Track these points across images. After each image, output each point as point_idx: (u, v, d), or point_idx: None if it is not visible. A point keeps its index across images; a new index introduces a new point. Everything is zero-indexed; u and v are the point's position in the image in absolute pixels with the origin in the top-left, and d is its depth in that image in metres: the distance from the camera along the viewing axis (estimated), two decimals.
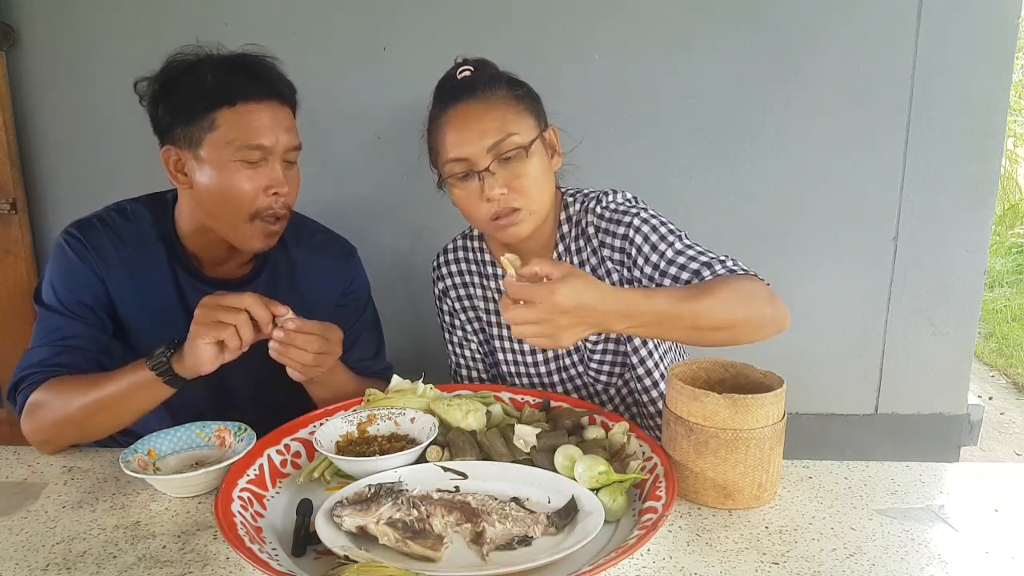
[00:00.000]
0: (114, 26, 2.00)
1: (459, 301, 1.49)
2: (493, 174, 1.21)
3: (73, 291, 1.27)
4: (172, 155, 1.24)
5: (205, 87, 1.20)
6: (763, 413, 0.99)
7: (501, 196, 1.22)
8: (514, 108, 1.24)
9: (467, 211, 1.28)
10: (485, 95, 1.24)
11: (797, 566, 0.90)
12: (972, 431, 2.29)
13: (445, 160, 1.26)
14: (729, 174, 2.07)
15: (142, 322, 1.32)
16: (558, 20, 1.98)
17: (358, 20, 1.99)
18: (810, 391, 2.21)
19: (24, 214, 2.10)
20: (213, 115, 1.20)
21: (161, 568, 0.90)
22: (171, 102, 1.23)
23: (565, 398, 1.24)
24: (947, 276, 2.14)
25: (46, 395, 1.18)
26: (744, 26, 1.98)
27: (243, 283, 1.37)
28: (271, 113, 1.23)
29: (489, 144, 1.21)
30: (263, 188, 1.23)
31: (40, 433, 1.20)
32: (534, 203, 1.24)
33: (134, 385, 1.14)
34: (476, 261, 1.47)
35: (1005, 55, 2.01)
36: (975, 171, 2.06)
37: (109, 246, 1.30)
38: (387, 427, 1.15)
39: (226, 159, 1.20)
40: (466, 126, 1.22)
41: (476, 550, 0.89)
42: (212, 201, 1.24)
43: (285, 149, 1.25)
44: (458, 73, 1.29)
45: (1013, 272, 5.58)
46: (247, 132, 1.20)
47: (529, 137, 1.23)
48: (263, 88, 1.23)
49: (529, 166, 1.23)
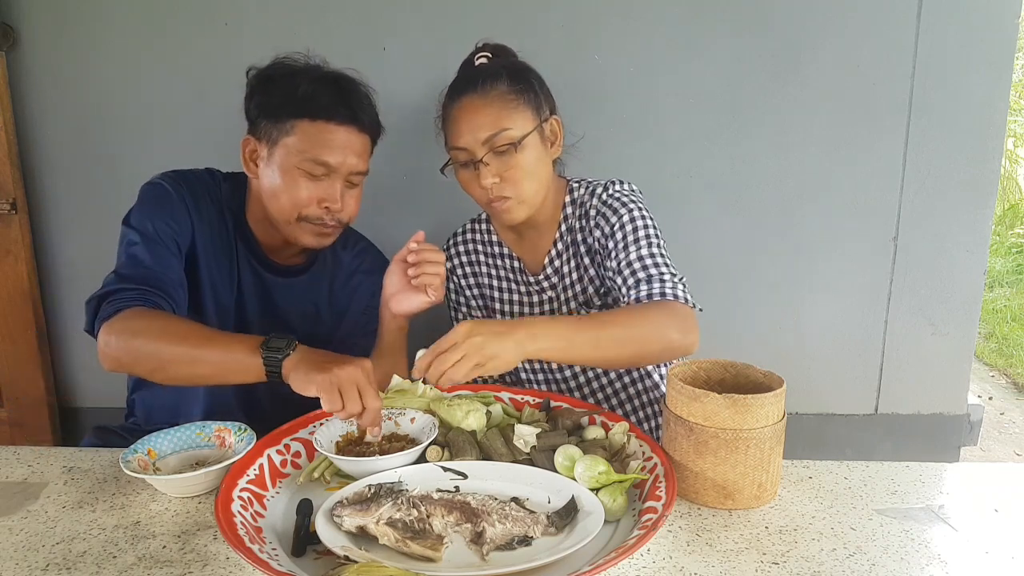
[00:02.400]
0: (114, 26, 2.00)
1: (464, 278, 1.59)
2: (487, 165, 1.32)
3: (169, 224, 1.31)
4: (251, 144, 1.35)
5: (295, 95, 1.29)
6: (763, 413, 0.99)
7: (493, 185, 1.33)
8: (511, 103, 1.33)
9: (468, 192, 1.41)
10: (485, 90, 1.33)
11: (797, 566, 0.90)
12: (972, 431, 2.29)
13: (450, 147, 1.38)
14: (729, 174, 2.07)
15: (204, 277, 1.37)
16: (558, 20, 1.98)
17: (358, 20, 1.99)
18: (810, 391, 2.21)
19: (24, 214, 2.10)
20: (294, 122, 1.29)
21: (161, 568, 0.90)
22: (263, 98, 1.32)
23: (565, 398, 1.25)
24: (947, 276, 2.14)
25: (145, 323, 1.16)
26: (744, 26, 1.98)
27: (295, 272, 1.47)
28: (347, 136, 1.32)
29: (483, 137, 1.31)
30: (317, 200, 1.32)
31: (121, 354, 1.16)
32: (524, 193, 1.35)
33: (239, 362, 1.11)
34: (483, 242, 1.58)
35: (1005, 55, 2.01)
36: (975, 171, 2.06)
37: (201, 198, 1.37)
38: (387, 427, 1.15)
39: (291, 165, 1.30)
40: (465, 119, 1.33)
41: (476, 550, 0.89)
42: (269, 195, 1.33)
43: (350, 172, 1.34)
44: (476, 59, 1.40)
45: (1013, 272, 5.58)
46: (317, 147, 1.29)
47: (523, 131, 1.32)
48: (346, 112, 1.32)
49: (521, 159, 1.33)
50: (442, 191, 2.12)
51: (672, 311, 1.20)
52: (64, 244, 2.16)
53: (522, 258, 1.52)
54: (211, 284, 1.38)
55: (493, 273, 1.56)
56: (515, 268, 1.53)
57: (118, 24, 2.00)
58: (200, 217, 1.36)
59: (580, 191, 1.45)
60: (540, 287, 1.51)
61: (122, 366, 1.19)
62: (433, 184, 2.12)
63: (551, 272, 1.48)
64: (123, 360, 1.18)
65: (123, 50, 2.00)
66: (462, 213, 2.19)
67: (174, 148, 2.01)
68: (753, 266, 2.14)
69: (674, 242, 2.03)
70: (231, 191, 1.42)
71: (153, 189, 1.34)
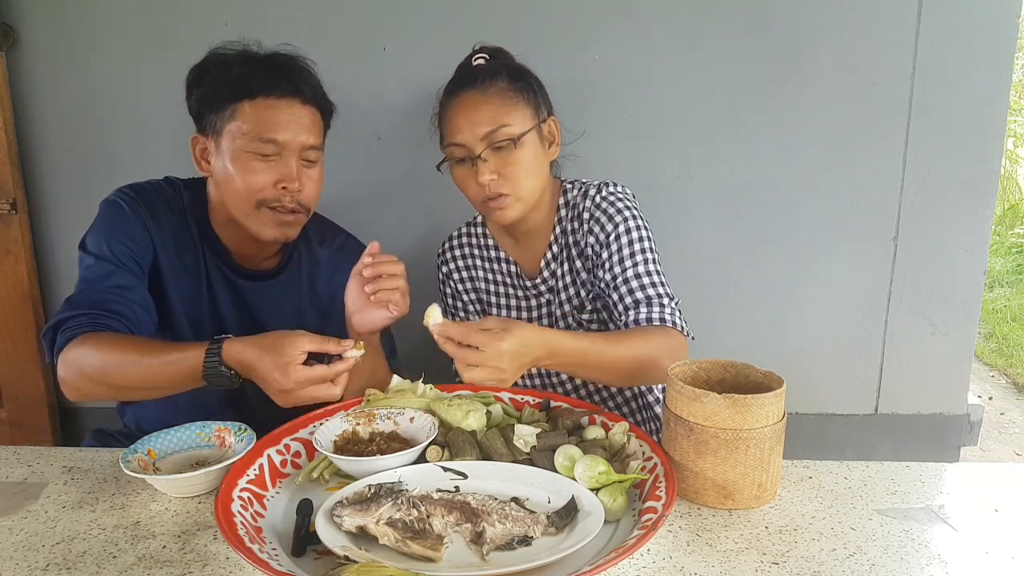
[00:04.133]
0: (114, 26, 2.00)
1: (462, 283, 1.58)
2: (485, 161, 1.32)
3: (125, 244, 1.28)
4: (199, 143, 1.31)
5: (230, 79, 1.25)
6: (763, 413, 0.99)
7: (491, 182, 1.32)
8: (511, 100, 1.33)
9: (463, 191, 1.39)
10: (484, 86, 1.33)
11: (797, 566, 0.90)
12: (972, 431, 2.29)
13: (447, 143, 1.36)
14: (729, 174, 2.07)
15: (172, 292, 1.34)
16: (558, 20, 1.98)
17: (358, 20, 1.99)
18: (810, 391, 2.21)
19: (24, 214, 2.10)
20: (234, 106, 1.25)
21: (161, 568, 0.90)
22: (201, 92, 1.29)
23: (565, 398, 1.24)
24: (947, 276, 2.14)
25: (87, 349, 1.15)
26: (744, 26, 1.98)
27: (268, 276, 1.41)
28: (290, 110, 1.27)
29: (482, 133, 1.31)
30: (273, 182, 1.26)
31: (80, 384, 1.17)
32: (522, 190, 1.34)
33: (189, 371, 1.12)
34: (479, 246, 1.56)
35: (1005, 55, 2.01)
36: (975, 171, 2.06)
37: (161, 212, 1.34)
38: (387, 427, 1.15)
39: (239, 149, 1.25)
40: (464, 114, 1.32)
41: (476, 550, 0.89)
42: (225, 188, 1.29)
43: (301, 147, 1.28)
44: (473, 60, 1.40)
45: (1013, 272, 5.58)
46: (262, 126, 1.25)
47: (522, 128, 1.32)
48: (286, 85, 1.27)
49: (519, 155, 1.32)
50: (442, 191, 2.12)
51: (669, 340, 1.25)
52: (64, 244, 2.16)
53: (518, 262, 1.52)
54: (180, 297, 1.34)
55: (490, 278, 1.55)
56: (512, 272, 1.52)
57: (118, 24, 2.00)
58: (160, 231, 1.32)
59: (573, 192, 1.45)
60: (537, 291, 1.50)
61: (84, 395, 1.19)
62: (433, 184, 2.12)
63: (547, 275, 1.48)
64: (83, 389, 1.18)
65: (123, 50, 2.00)
66: (462, 213, 2.18)
67: (174, 148, 2.01)
68: (753, 266, 2.14)
69: (674, 242, 2.05)
70: (193, 199, 1.37)
71: (108, 208, 1.31)
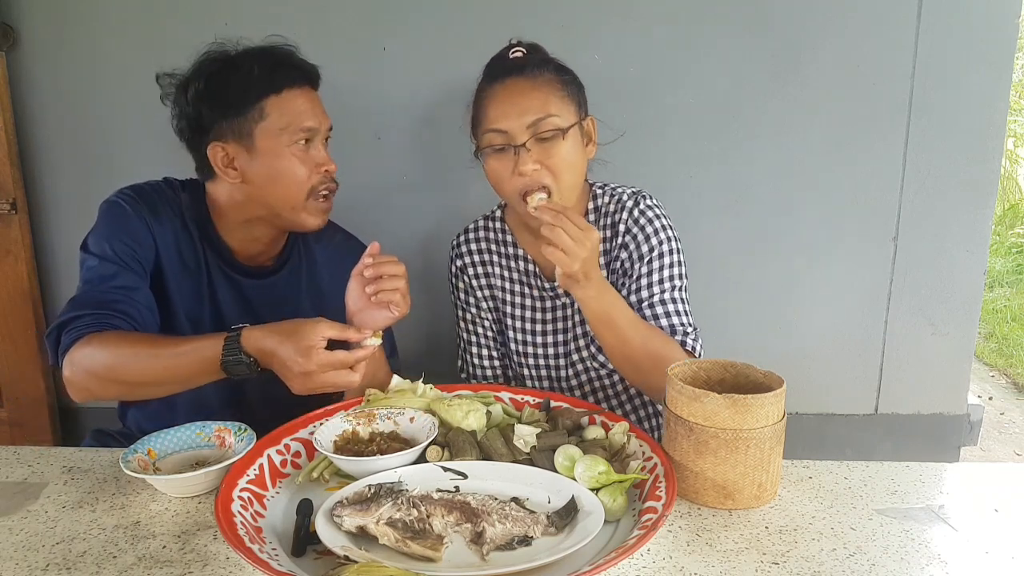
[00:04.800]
0: (114, 26, 2.00)
1: (476, 279, 1.53)
2: (528, 150, 1.27)
3: (128, 244, 1.28)
4: (219, 151, 1.29)
5: (252, 79, 1.26)
6: (763, 413, 0.99)
7: (533, 172, 1.27)
8: (558, 92, 1.31)
9: (498, 183, 1.33)
10: (533, 74, 1.30)
11: (797, 566, 0.90)
12: (972, 431, 2.29)
13: (485, 130, 1.32)
14: (729, 174, 2.07)
15: (174, 291, 1.35)
16: (558, 20, 1.98)
17: (358, 20, 1.99)
18: (810, 391, 2.21)
19: (24, 214, 2.10)
20: (262, 104, 1.26)
21: (161, 568, 0.90)
22: (217, 98, 1.27)
23: (565, 398, 1.24)
24: (947, 276, 2.14)
25: (96, 348, 1.15)
26: (744, 26, 1.98)
27: (268, 273, 1.42)
28: (309, 97, 1.31)
29: (529, 121, 1.27)
30: (314, 167, 1.30)
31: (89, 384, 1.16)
32: (563, 184, 1.30)
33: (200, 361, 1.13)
34: (497, 241, 1.51)
35: (1005, 55, 2.01)
36: (975, 171, 2.06)
37: (161, 211, 1.34)
38: (387, 427, 1.15)
39: (282, 146, 1.27)
40: (510, 101, 1.29)
41: (476, 550, 0.89)
42: (271, 187, 1.29)
43: (326, 129, 1.34)
44: (510, 53, 1.36)
45: (1013, 272, 5.57)
46: (297, 117, 1.28)
47: (568, 122, 1.29)
48: (301, 75, 1.31)
49: (564, 148, 1.29)
50: (442, 191, 2.13)
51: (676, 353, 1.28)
52: (64, 244, 2.16)
53: (536, 261, 1.48)
54: (181, 297, 1.35)
55: (506, 275, 1.51)
56: (529, 271, 1.48)
57: (118, 24, 2.00)
58: (162, 230, 1.32)
59: (604, 199, 1.43)
60: (554, 293, 1.47)
61: (92, 395, 1.18)
62: (433, 184, 2.12)
63: None
64: (92, 389, 1.17)
65: (123, 50, 2.00)
66: (462, 213, 2.18)
67: (174, 148, 2.00)
68: (753, 266, 2.14)
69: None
70: (191, 199, 1.37)
71: (110, 209, 1.31)
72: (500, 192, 1.35)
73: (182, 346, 1.15)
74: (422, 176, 2.11)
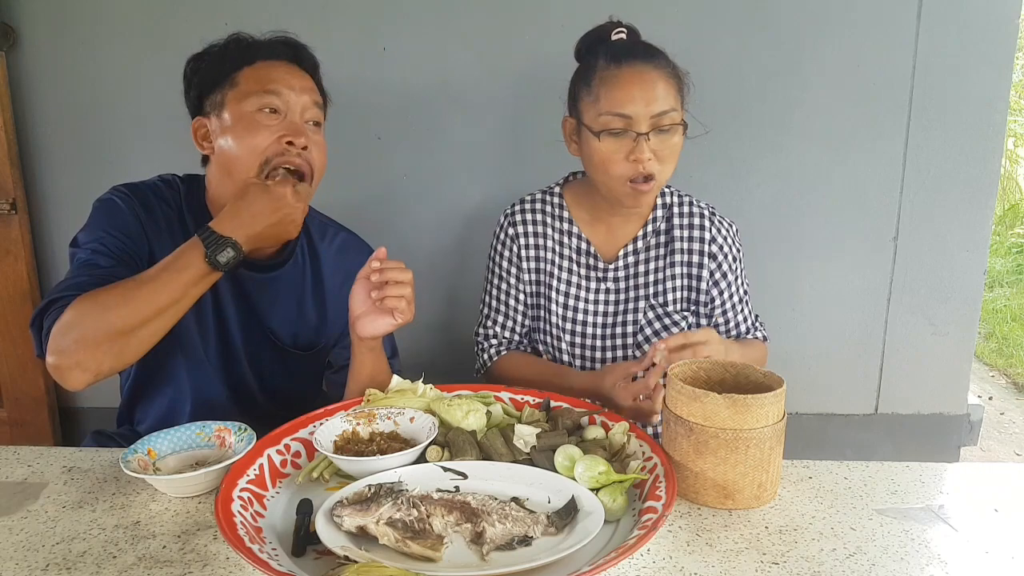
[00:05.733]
0: (114, 26, 2.00)
1: (526, 249, 1.53)
2: (648, 140, 1.30)
3: (120, 239, 1.25)
4: (200, 126, 1.30)
5: (229, 55, 1.28)
6: (763, 413, 0.99)
7: (648, 161, 1.30)
8: (676, 85, 1.34)
9: (604, 165, 1.34)
10: (657, 63, 1.33)
11: (797, 566, 0.90)
12: (972, 431, 2.30)
13: (603, 111, 1.32)
14: (729, 174, 2.08)
15: None
16: (558, 20, 1.98)
17: (358, 20, 2.00)
18: (810, 391, 2.21)
19: (24, 214, 2.10)
20: (235, 75, 1.26)
21: (161, 568, 0.90)
22: (198, 78, 1.30)
23: (565, 398, 1.24)
24: (947, 276, 2.14)
25: (76, 310, 1.09)
26: (744, 26, 1.98)
27: (269, 268, 1.38)
28: (288, 71, 1.29)
29: (655, 111, 1.30)
30: (277, 136, 1.24)
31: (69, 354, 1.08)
32: (665, 176, 1.36)
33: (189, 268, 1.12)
34: (553, 216, 1.52)
35: (1005, 55, 2.01)
36: (975, 171, 2.06)
37: (155, 207, 1.32)
38: (387, 427, 1.15)
39: (244, 112, 1.24)
40: (639, 87, 1.30)
41: (476, 550, 0.89)
42: (228, 158, 1.26)
43: (304, 107, 1.28)
44: (613, 34, 1.38)
45: (1013, 272, 5.57)
46: (264, 82, 1.25)
47: (681, 116, 1.35)
48: (285, 51, 1.30)
49: (676, 143, 1.34)
50: (442, 191, 2.13)
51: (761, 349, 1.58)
52: (64, 244, 2.14)
53: (591, 240, 1.50)
54: None
55: (557, 249, 1.51)
56: (582, 249, 1.50)
57: (118, 24, 2.00)
58: (155, 226, 1.29)
59: (673, 198, 1.50)
60: (605, 275, 1.49)
61: (86, 370, 1.08)
62: (433, 184, 2.12)
63: (625, 264, 1.48)
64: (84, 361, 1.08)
65: (123, 50, 2.00)
66: (462, 213, 2.19)
67: (174, 148, 2.01)
68: (753, 266, 2.13)
69: None
70: (188, 191, 1.35)
71: (102, 205, 1.29)
72: (604, 174, 1.36)
73: (161, 264, 1.13)
74: (422, 176, 2.11)
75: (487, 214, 2.07)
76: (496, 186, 2.10)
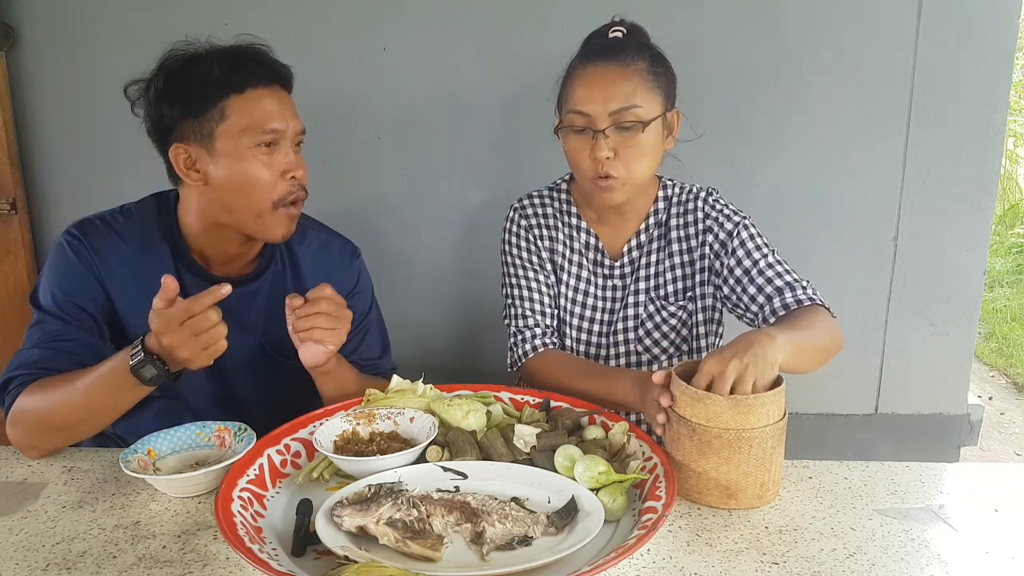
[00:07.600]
0: (114, 26, 2.00)
1: (541, 240, 1.52)
2: (607, 137, 1.29)
3: (70, 294, 1.24)
4: (181, 152, 1.23)
5: (212, 77, 1.19)
6: (764, 412, 1.00)
7: (607, 160, 1.30)
8: (648, 82, 1.32)
9: (573, 162, 1.37)
10: (625, 62, 1.31)
11: (797, 566, 0.90)
12: (972, 431, 2.30)
13: (568, 109, 1.34)
14: (729, 174, 2.07)
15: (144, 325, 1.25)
16: (558, 21, 1.98)
17: (358, 20, 1.99)
18: (810, 391, 2.21)
19: (24, 214, 2.10)
20: (223, 104, 1.19)
21: (161, 568, 0.90)
22: (177, 97, 1.22)
23: (565, 398, 1.24)
24: (947, 276, 2.14)
25: (28, 400, 1.16)
26: (744, 26, 1.98)
27: (248, 281, 1.36)
28: (277, 98, 1.24)
29: (613, 108, 1.28)
30: (280, 173, 1.23)
31: (24, 438, 1.17)
32: (633, 176, 1.33)
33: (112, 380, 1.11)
34: (560, 211, 1.53)
35: (1005, 55, 2.01)
36: (975, 171, 2.06)
37: (111, 247, 1.28)
38: (387, 427, 1.15)
39: (243, 148, 1.20)
40: (599, 85, 1.30)
41: (476, 550, 0.89)
42: (233, 193, 1.22)
43: (295, 133, 1.26)
44: (610, 32, 1.37)
45: (1013, 272, 5.57)
46: (260, 118, 1.20)
47: (652, 113, 1.31)
48: (268, 73, 1.24)
49: (641, 140, 1.30)
50: (442, 191, 2.13)
51: (827, 317, 1.29)
52: None
53: (599, 236, 1.50)
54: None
55: (567, 243, 1.52)
56: (590, 245, 1.50)
57: (118, 24, 2.00)
58: (107, 268, 1.27)
59: (675, 190, 1.48)
60: (611, 272, 1.50)
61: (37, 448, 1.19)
62: (432, 184, 2.12)
63: (629, 260, 1.49)
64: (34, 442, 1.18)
65: (123, 50, 2.00)
66: (462, 213, 2.19)
67: None
68: None
69: None
70: (158, 217, 1.32)
71: (54, 255, 1.28)
72: (574, 168, 1.38)
73: (95, 369, 1.13)
74: (422, 176, 2.11)
75: (487, 214, 2.07)
76: (496, 186, 2.10)
